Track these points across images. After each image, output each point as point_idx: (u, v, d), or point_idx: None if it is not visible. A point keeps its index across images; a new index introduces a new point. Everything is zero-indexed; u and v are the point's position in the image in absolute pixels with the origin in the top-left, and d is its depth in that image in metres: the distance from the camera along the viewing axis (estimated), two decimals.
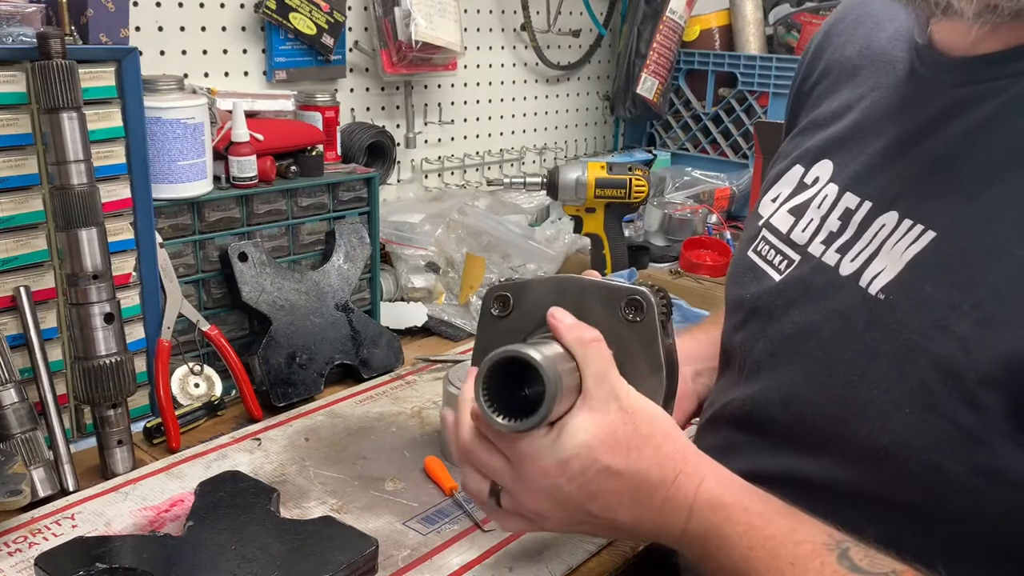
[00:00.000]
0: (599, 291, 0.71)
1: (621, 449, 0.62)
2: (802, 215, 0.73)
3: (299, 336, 1.20)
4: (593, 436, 0.62)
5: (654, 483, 0.62)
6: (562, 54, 2.05)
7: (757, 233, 0.79)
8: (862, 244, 0.65)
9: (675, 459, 0.62)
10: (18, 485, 0.84)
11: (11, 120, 0.94)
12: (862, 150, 0.70)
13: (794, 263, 0.72)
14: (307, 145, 1.28)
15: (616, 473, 0.62)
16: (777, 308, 0.71)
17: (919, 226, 0.60)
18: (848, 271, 0.65)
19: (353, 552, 0.81)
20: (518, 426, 0.62)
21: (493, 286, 0.75)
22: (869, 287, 0.61)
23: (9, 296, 0.97)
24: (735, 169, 2.01)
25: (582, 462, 0.62)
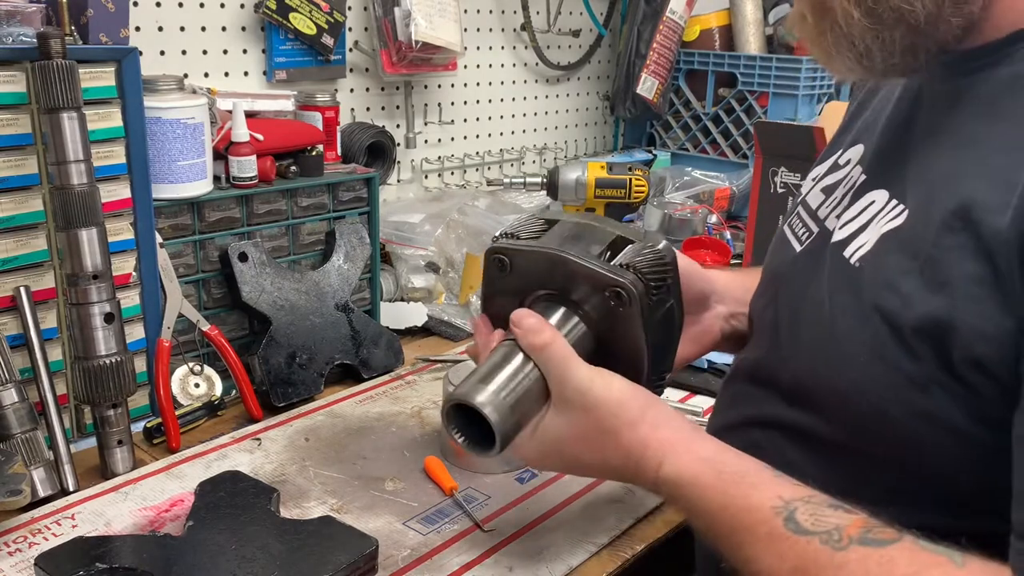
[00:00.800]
0: (585, 276, 0.73)
1: (587, 444, 0.70)
2: (832, 193, 0.78)
3: (299, 336, 1.20)
4: (560, 434, 0.71)
5: (618, 468, 0.71)
6: (562, 54, 2.05)
7: (794, 209, 0.85)
8: (852, 213, 0.71)
9: (635, 447, 0.69)
10: (18, 485, 0.84)
11: (11, 120, 0.94)
12: (882, 134, 0.75)
13: (813, 234, 0.78)
14: (307, 145, 1.28)
15: (586, 463, 0.73)
16: (791, 275, 0.77)
17: (900, 205, 0.65)
18: (837, 238, 0.71)
19: (353, 552, 0.81)
20: (480, 452, 0.71)
21: (492, 247, 0.77)
22: (851, 258, 0.67)
23: (9, 296, 0.97)
24: (735, 169, 2.01)
25: (555, 454, 0.73)
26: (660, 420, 0.69)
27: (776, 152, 1.63)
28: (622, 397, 0.69)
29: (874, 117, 0.79)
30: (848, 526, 0.57)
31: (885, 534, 0.56)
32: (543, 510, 0.94)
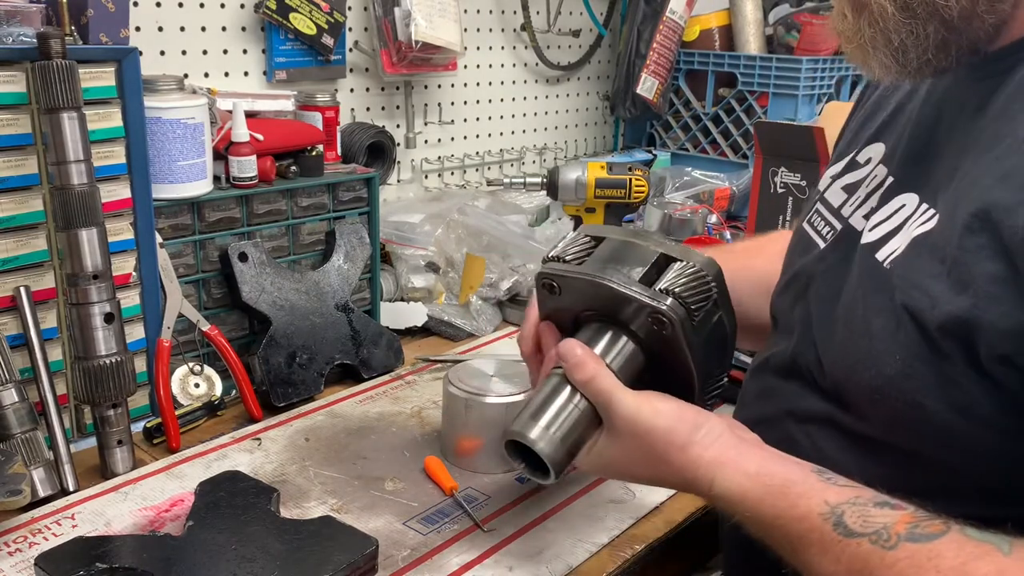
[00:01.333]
0: (627, 301, 0.75)
1: (641, 466, 0.74)
2: (854, 192, 0.79)
3: (299, 336, 1.20)
4: (614, 457, 0.75)
5: (675, 485, 0.75)
6: (562, 54, 2.05)
7: (812, 206, 0.86)
8: (882, 216, 0.72)
9: (687, 469, 0.71)
10: (18, 485, 0.84)
11: (11, 120, 0.94)
12: (907, 135, 0.76)
13: (836, 231, 0.79)
14: (307, 145, 1.28)
15: (643, 478, 0.77)
16: (817, 272, 0.79)
17: (931, 210, 0.66)
18: (867, 240, 0.71)
19: (353, 552, 0.81)
20: (540, 478, 0.76)
21: (541, 271, 0.80)
22: (884, 261, 0.68)
23: (9, 296, 0.97)
24: (735, 169, 2.01)
25: (613, 471, 0.79)
26: (708, 440, 0.71)
27: (776, 152, 1.63)
28: (669, 423, 0.71)
29: (894, 116, 0.80)
30: (895, 524, 0.59)
31: (932, 527, 0.57)
32: (543, 510, 0.94)
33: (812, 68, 1.88)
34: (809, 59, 1.87)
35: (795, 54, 1.92)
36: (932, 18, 0.63)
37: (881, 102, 0.85)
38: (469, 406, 1.00)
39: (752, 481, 0.67)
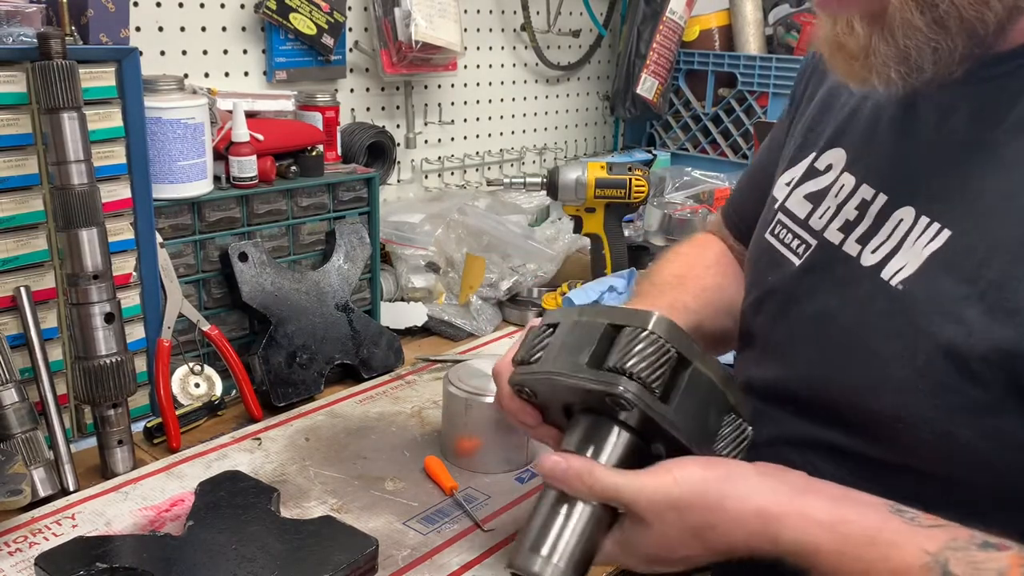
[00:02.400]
0: (583, 391, 0.68)
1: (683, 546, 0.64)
2: (819, 203, 0.76)
3: (299, 336, 1.20)
4: (652, 544, 0.65)
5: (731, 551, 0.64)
6: (562, 54, 2.05)
7: (773, 216, 0.82)
8: (881, 237, 0.68)
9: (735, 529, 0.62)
10: (18, 485, 0.84)
11: (11, 120, 0.94)
12: (875, 140, 0.72)
13: (811, 247, 0.75)
14: (307, 145, 1.28)
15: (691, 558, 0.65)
16: (798, 292, 0.75)
17: (936, 224, 0.63)
18: (870, 262, 0.68)
19: (353, 552, 0.81)
20: None
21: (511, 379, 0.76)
22: (891, 280, 0.65)
23: (9, 296, 0.97)
24: (735, 169, 2.01)
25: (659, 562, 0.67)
26: (744, 491, 0.62)
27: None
28: (693, 490, 0.63)
29: (851, 119, 0.76)
30: (1009, 569, 0.54)
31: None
32: None
33: None
34: None
35: (795, 54, 1.92)
36: (961, 32, 0.59)
37: (829, 102, 0.80)
38: (469, 406, 1.00)
39: (826, 531, 0.59)
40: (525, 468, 1.02)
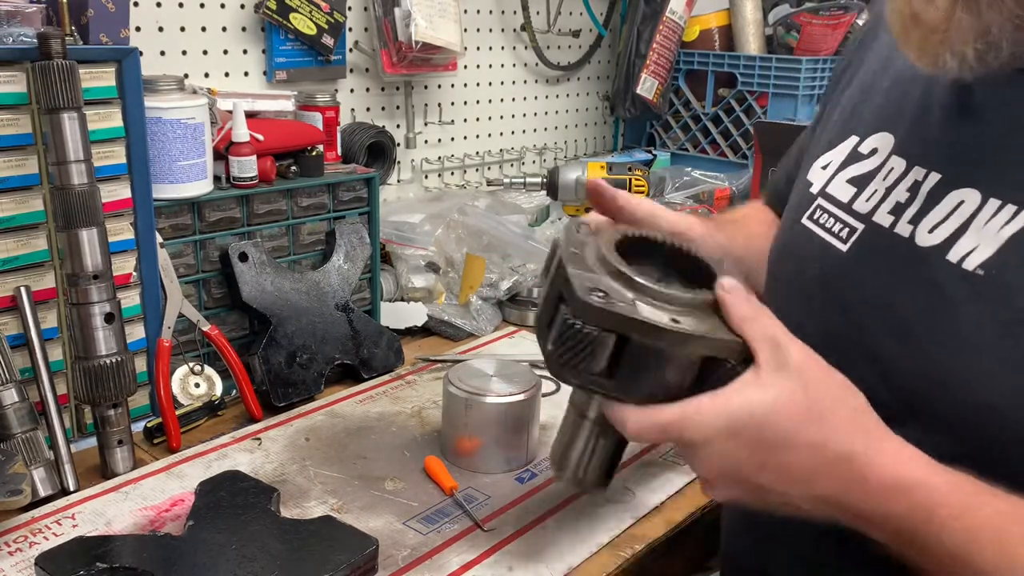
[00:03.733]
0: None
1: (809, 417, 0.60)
2: (865, 186, 0.72)
3: (299, 336, 1.20)
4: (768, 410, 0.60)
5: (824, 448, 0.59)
6: (562, 54, 2.05)
7: (811, 201, 0.78)
8: (938, 216, 0.65)
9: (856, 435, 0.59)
10: (18, 485, 0.84)
11: (11, 120, 0.94)
12: (926, 122, 0.69)
13: (856, 232, 0.71)
14: (307, 145, 1.28)
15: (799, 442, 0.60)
16: (851, 277, 0.71)
17: (1011, 205, 0.60)
18: (928, 243, 0.64)
19: (353, 552, 0.81)
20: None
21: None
22: (963, 263, 0.62)
23: (9, 296, 0.97)
24: (735, 169, 2.01)
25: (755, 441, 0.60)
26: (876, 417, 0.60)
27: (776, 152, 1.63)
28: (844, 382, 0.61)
29: (893, 103, 0.74)
30: None
31: None
32: (543, 510, 0.94)
33: (812, 68, 1.88)
34: (809, 59, 1.87)
35: (795, 54, 1.92)
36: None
37: (869, 88, 0.78)
38: (469, 406, 1.00)
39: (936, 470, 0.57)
40: (525, 468, 1.02)
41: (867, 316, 0.68)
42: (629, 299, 0.64)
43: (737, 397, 0.61)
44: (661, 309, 0.63)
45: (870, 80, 0.79)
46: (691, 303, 0.64)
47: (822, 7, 1.90)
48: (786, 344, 0.61)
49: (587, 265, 0.66)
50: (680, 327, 0.62)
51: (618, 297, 0.63)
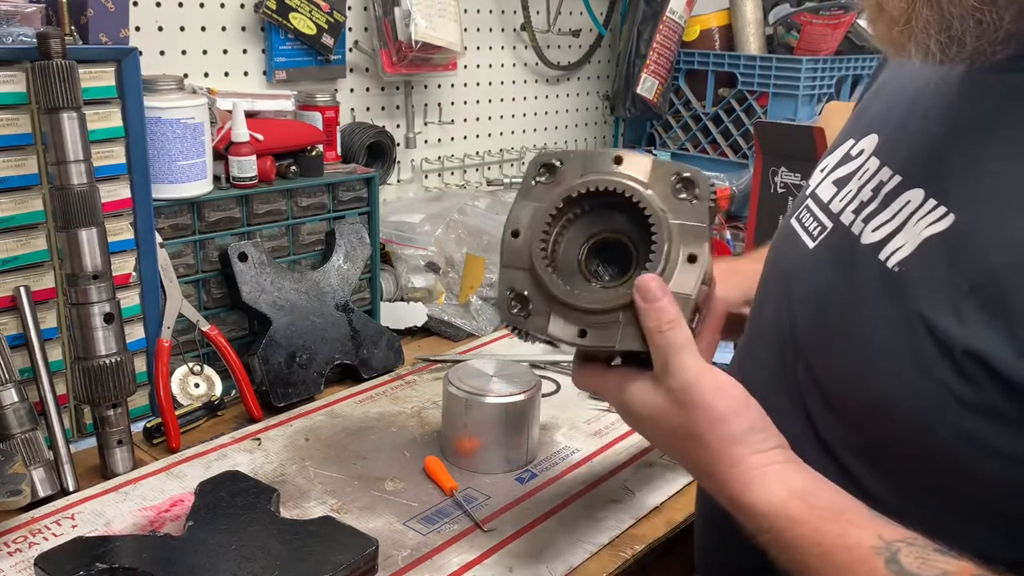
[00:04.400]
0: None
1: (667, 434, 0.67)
2: (844, 185, 0.74)
3: (299, 336, 1.20)
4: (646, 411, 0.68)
5: (698, 471, 0.67)
6: (562, 54, 2.05)
7: (802, 202, 0.80)
8: (886, 216, 0.66)
9: (722, 463, 0.64)
10: (18, 485, 0.84)
11: (11, 120, 0.94)
12: (906, 127, 0.70)
13: (826, 229, 0.73)
14: (307, 145, 1.28)
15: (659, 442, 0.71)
16: (805, 272, 0.73)
17: (942, 207, 0.61)
18: (869, 241, 0.66)
19: (353, 552, 0.81)
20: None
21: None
22: (888, 260, 0.63)
23: (9, 296, 0.97)
24: (735, 169, 2.01)
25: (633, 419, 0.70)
26: (760, 446, 0.63)
27: (776, 152, 1.63)
28: (727, 409, 0.64)
29: (888, 106, 0.75)
30: (958, 571, 0.53)
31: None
32: (543, 510, 0.94)
33: (812, 68, 1.88)
34: (809, 59, 1.87)
35: (795, 54, 1.92)
36: (1010, 7, 0.55)
37: (881, 91, 0.80)
38: (469, 406, 1.00)
39: (797, 499, 0.60)
40: (525, 468, 1.02)
41: (803, 310, 0.71)
42: (545, 310, 0.69)
43: (634, 390, 0.68)
44: (571, 322, 0.68)
45: (882, 84, 0.81)
46: (607, 306, 0.67)
47: (822, 7, 1.89)
48: (680, 365, 0.65)
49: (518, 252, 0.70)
50: (583, 343, 0.67)
51: (536, 308, 0.69)
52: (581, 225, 0.70)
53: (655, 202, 0.67)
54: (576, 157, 0.70)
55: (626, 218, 0.69)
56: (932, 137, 0.67)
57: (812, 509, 0.60)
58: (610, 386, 0.70)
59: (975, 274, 0.56)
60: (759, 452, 0.63)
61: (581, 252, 0.70)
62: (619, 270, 0.70)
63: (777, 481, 0.62)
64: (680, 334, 0.65)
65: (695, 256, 0.67)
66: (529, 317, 0.69)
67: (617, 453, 1.07)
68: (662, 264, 0.66)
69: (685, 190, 0.68)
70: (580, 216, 0.70)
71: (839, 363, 0.65)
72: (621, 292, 0.66)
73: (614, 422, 1.13)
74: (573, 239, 0.70)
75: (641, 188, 0.67)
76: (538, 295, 0.69)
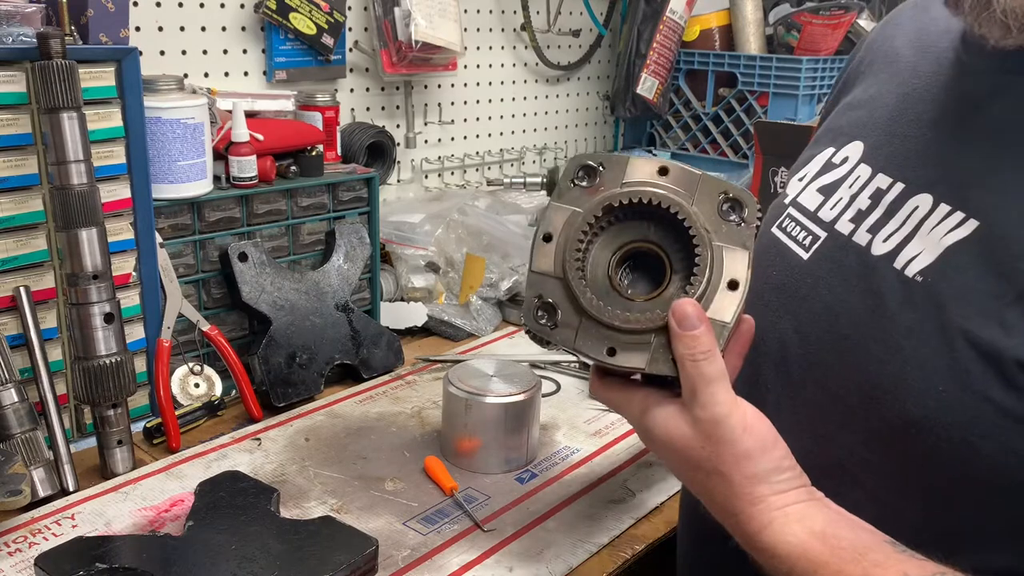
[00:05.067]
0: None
1: (687, 464, 0.64)
2: (831, 194, 0.72)
3: (299, 336, 1.20)
4: (666, 435, 0.65)
5: (710, 501, 0.64)
6: (562, 54, 2.05)
7: (782, 211, 0.78)
8: (894, 225, 0.64)
9: (743, 499, 0.61)
10: (18, 485, 0.84)
11: (11, 120, 0.94)
12: (896, 133, 0.69)
13: (819, 239, 0.71)
14: (307, 145, 1.28)
15: (678, 471, 0.67)
16: (805, 286, 0.71)
17: (959, 213, 0.59)
18: (880, 251, 0.64)
19: (353, 552, 0.81)
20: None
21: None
22: (905, 269, 0.61)
23: (9, 296, 0.97)
24: (735, 169, 2.01)
25: (654, 444, 0.67)
26: (782, 486, 0.61)
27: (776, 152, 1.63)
28: (752, 447, 0.61)
29: (869, 114, 0.74)
30: None
31: None
32: (543, 510, 0.94)
33: (812, 68, 1.88)
34: (809, 59, 1.87)
35: (795, 54, 1.92)
36: None
37: (855, 103, 0.78)
38: (469, 406, 1.00)
39: (818, 540, 0.58)
40: (525, 468, 1.02)
41: (813, 325, 0.68)
42: (574, 323, 0.66)
43: (659, 416, 0.65)
44: (600, 339, 0.65)
45: (856, 98, 0.79)
46: (640, 327, 0.64)
47: (822, 7, 1.89)
48: (711, 398, 0.62)
49: (550, 257, 0.67)
50: (612, 362, 0.65)
51: (564, 319, 0.66)
52: (614, 232, 0.67)
53: (700, 220, 0.64)
54: (618, 162, 0.67)
55: (662, 230, 0.66)
56: (929, 142, 0.65)
57: (834, 550, 0.58)
58: (633, 406, 0.67)
59: (1018, 281, 0.54)
60: (781, 492, 0.61)
61: (611, 260, 0.67)
62: (649, 281, 0.68)
63: (797, 521, 0.60)
64: (714, 365, 0.62)
65: (736, 283, 0.64)
66: (556, 328, 0.66)
67: (617, 453, 1.07)
68: (702, 288, 0.63)
69: (733, 211, 0.65)
70: (614, 224, 0.67)
71: (862, 379, 0.63)
72: (656, 314, 0.63)
73: (614, 422, 1.13)
74: (604, 246, 0.68)
75: (686, 204, 0.64)
76: (568, 307, 0.66)
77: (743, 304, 0.64)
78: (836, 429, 0.66)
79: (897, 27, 0.80)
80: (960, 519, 0.58)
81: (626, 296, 0.66)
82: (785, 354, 0.71)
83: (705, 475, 0.63)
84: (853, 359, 0.64)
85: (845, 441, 0.65)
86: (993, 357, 0.54)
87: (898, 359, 0.59)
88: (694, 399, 0.62)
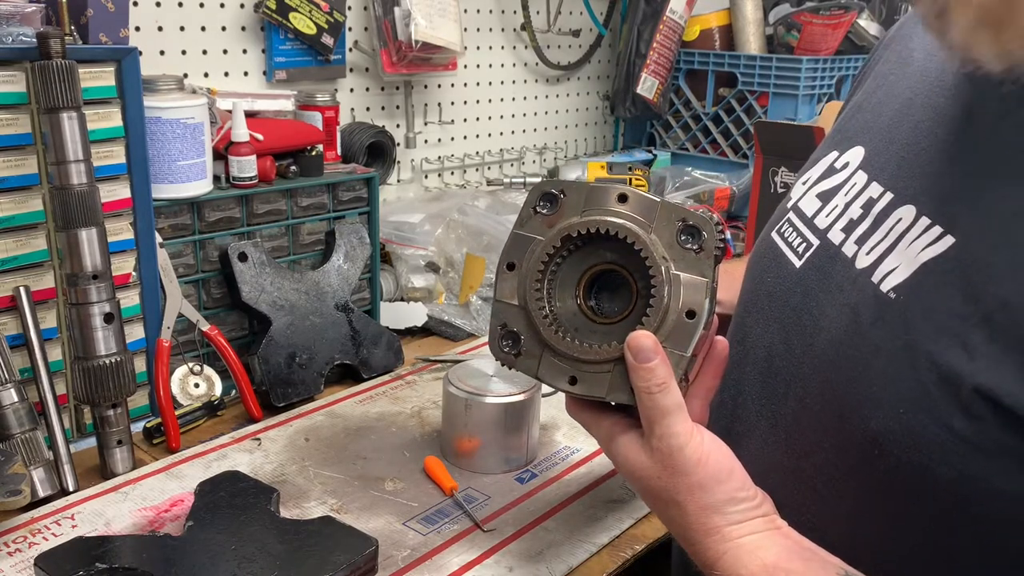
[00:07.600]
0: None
1: (650, 491, 0.66)
2: (829, 200, 0.71)
3: (299, 336, 1.20)
4: (632, 466, 0.66)
5: (672, 527, 0.66)
6: (562, 54, 2.05)
7: (783, 215, 0.77)
8: (878, 237, 0.63)
9: (698, 528, 0.63)
10: (18, 485, 0.84)
11: (11, 120, 0.94)
12: (894, 139, 0.68)
13: (812, 247, 0.70)
14: (307, 145, 1.28)
15: (643, 495, 0.68)
16: (795, 295, 0.70)
17: (937, 228, 0.57)
18: (863, 264, 0.63)
19: (353, 552, 0.81)
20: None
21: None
22: (881, 284, 0.60)
23: (9, 296, 0.97)
24: (735, 169, 2.01)
25: (622, 468, 0.68)
26: (738, 516, 0.62)
27: (776, 152, 1.63)
28: (707, 480, 0.62)
29: (874, 118, 0.73)
30: None
31: None
32: (543, 510, 0.94)
33: (812, 68, 1.88)
34: (809, 59, 1.87)
35: (795, 54, 1.92)
36: None
37: (863, 103, 0.77)
38: (469, 406, 1.00)
39: (766, 572, 0.59)
40: (525, 468, 1.02)
41: (799, 338, 0.68)
42: (536, 352, 0.68)
43: (622, 444, 0.67)
44: (562, 369, 0.67)
45: (865, 97, 0.78)
46: (598, 359, 0.66)
47: (822, 7, 1.89)
48: (666, 430, 0.63)
49: (513, 285, 0.69)
50: (573, 391, 0.67)
51: (527, 348, 0.68)
52: (579, 256, 0.68)
53: (657, 250, 0.64)
54: (579, 189, 0.67)
55: (625, 254, 0.67)
56: (922, 151, 0.63)
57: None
58: (601, 431, 0.69)
59: (986, 304, 0.52)
60: (736, 523, 0.62)
61: (581, 281, 0.69)
62: (620, 299, 0.69)
63: (748, 553, 0.60)
64: (668, 397, 0.63)
65: (693, 312, 0.64)
66: (519, 357, 0.68)
67: None
68: (658, 320, 0.64)
69: (691, 239, 0.65)
70: (578, 249, 0.68)
71: (832, 396, 0.62)
72: (614, 346, 0.65)
73: None
74: (570, 269, 0.69)
75: (643, 233, 0.65)
76: (530, 336, 0.68)
77: (704, 332, 0.65)
78: (810, 445, 0.65)
79: (916, 26, 0.77)
80: (926, 543, 0.57)
81: (594, 319, 0.68)
82: (770, 364, 0.70)
83: (664, 504, 0.65)
84: (828, 375, 0.63)
85: (817, 459, 0.64)
86: (952, 382, 0.53)
87: (866, 378, 0.58)
88: (651, 430, 0.64)
